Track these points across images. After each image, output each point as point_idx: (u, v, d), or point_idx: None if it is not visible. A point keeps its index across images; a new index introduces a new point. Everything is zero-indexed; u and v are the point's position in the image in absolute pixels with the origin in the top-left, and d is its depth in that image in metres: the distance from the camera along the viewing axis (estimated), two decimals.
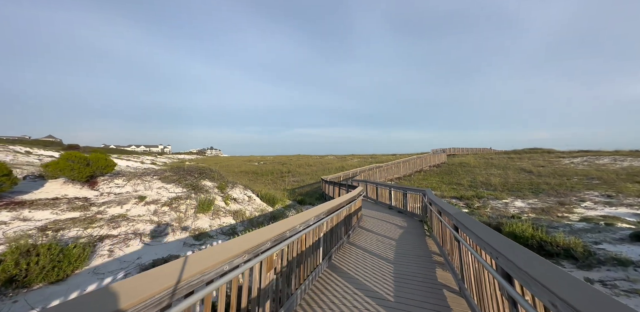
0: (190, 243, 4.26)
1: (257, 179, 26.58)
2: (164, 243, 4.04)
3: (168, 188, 5.64)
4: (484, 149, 38.70)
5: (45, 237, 3.36)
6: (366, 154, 46.81)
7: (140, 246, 3.83)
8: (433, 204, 5.26)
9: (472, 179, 18.02)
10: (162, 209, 4.87)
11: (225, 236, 4.83)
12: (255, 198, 7.25)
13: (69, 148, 21.53)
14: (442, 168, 24.15)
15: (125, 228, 4.09)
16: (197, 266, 1.26)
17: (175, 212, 4.78)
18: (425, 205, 6.62)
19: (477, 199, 12.37)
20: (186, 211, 4.84)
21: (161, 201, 5.20)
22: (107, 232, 3.86)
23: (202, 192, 5.76)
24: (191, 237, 4.42)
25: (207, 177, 6.77)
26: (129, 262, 3.51)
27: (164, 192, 5.44)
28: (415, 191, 7.49)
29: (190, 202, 5.20)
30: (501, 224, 6.00)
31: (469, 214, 9.40)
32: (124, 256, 3.61)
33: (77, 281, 3.14)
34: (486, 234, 2.11)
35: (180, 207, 4.95)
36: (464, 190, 15.20)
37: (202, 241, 4.44)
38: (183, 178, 6.15)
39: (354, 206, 5.83)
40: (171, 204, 5.15)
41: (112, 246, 3.67)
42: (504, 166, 22.02)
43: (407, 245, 4.89)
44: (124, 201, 4.69)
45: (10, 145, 16.76)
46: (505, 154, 30.61)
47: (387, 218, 7.40)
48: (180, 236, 4.36)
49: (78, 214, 4.15)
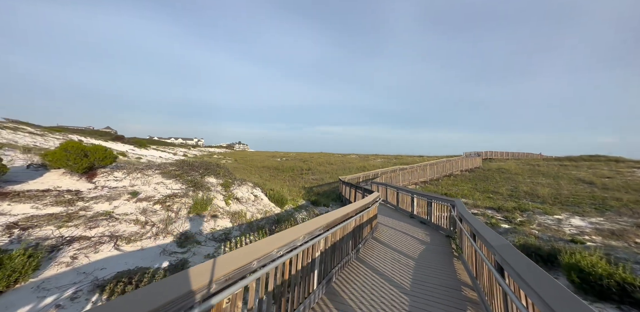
0: (171, 251, 3.72)
1: (278, 175, 26.77)
2: (141, 250, 3.57)
3: (167, 184, 5.41)
4: (528, 154, 34.13)
5: (7, 237, 3.12)
6: (390, 155, 44.61)
7: (111, 252, 3.39)
8: (464, 222, 4.23)
9: (512, 188, 15.68)
10: (154, 208, 4.54)
11: (216, 243, 4.26)
12: (263, 198, 6.80)
13: (116, 138, 23.84)
14: (475, 173, 21.64)
15: (103, 229, 3.72)
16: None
17: (167, 212, 4.45)
18: (454, 218, 5.55)
19: (519, 212, 10.53)
20: (179, 210, 4.52)
21: (155, 198, 4.89)
22: (80, 233, 3.50)
23: (203, 189, 5.46)
24: (175, 243, 3.93)
25: (212, 173, 6.50)
26: (87, 275, 2.93)
27: (161, 189, 5.21)
28: (443, 201, 6.38)
29: (186, 200, 4.86)
30: (557, 250, 4.68)
31: (510, 230, 7.87)
32: (87, 264, 3.11)
33: (9, 299, 2.54)
34: (555, 293, 1.26)
35: (174, 206, 4.65)
36: (503, 200, 13.19)
37: (187, 248, 3.87)
38: (186, 173, 5.94)
39: (366, 215, 5.04)
40: (164, 202, 4.79)
41: (78, 251, 3.23)
42: (554, 174, 18.89)
43: (429, 268, 3.98)
44: (115, 196, 4.51)
45: (69, 134, 18.89)
46: (556, 161, 26.48)
47: (407, 229, 6.43)
48: (163, 240, 3.89)
49: (60, 210, 3.91)
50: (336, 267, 3.36)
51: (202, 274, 1.28)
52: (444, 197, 6.54)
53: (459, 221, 4.82)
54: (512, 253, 1.94)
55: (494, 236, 2.54)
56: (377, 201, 6.12)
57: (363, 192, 8.03)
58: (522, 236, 6.75)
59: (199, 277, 1.24)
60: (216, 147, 70.99)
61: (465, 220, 4.06)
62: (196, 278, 1.23)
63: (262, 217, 5.52)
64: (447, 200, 6.18)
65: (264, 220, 5.41)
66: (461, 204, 5.30)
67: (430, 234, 6.04)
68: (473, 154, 31.23)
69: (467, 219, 3.94)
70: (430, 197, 6.97)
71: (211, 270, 1.33)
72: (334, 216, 3.16)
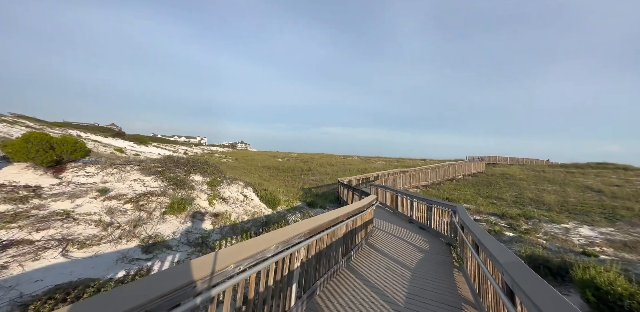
0: (132, 257, 3.19)
1: (277, 176, 26.47)
2: (94, 256, 3.08)
3: (145, 181, 5.03)
4: (533, 159, 33.39)
5: None
6: (392, 157, 44.12)
7: (56, 260, 2.87)
8: (466, 230, 3.85)
9: (517, 194, 15.15)
10: (124, 207, 4.11)
11: (190, 247, 3.79)
12: (254, 198, 6.42)
13: (117, 134, 23.78)
14: (478, 178, 21.10)
15: (55, 231, 3.22)
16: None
17: (138, 212, 4.03)
18: (456, 225, 5.16)
19: (524, 220, 10.04)
20: (153, 210, 4.15)
21: (128, 196, 4.44)
22: (23, 236, 2.98)
23: (185, 188, 5.11)
24: (139, 248, 3.44)
25: (199, 171, 6.16)
26: (10, 289, 2.36)
27: (138, 186, 4.81)
28: (444, 206, 5.98)
29: (163, 199, 4.48)
30: (568, 263, 4.26)
31: (515, 239, 7.41)
32: (18, 275, 2.55)
33: None
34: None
35: (148, 205, 4.27)
36: (507, 206, 12.69)
37: (153, 253, 3.39)
38: (169, 170, 5.58)
39: (360, 219, 4.68)
40: (138, 201, 4.35)
41: (13, 258, 2.68)
42: (560, 181, 18.30)
43: (427, 280, 3.60)
44: (80, 193, 4.08)
45: (69, 129, 18.78)
46: (562, 168, 25.81)
47: (405, 235, 6.03)
48: (126, 245, 3.41)
49: (8, 208, 3.46)
50: (322, 278, 3.00)
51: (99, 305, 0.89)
52: (445, 202, 6.14)
53: (460, 229, 4.43)
54: (526, 275, 1.57)
55: (501, 249, 2.17)
56: (373, 204, 5.75)
57: (360, 195, 7.65)
58: (529, 245, 6.31)
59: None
60: (218, 146, 71.12)
61: (468, 228, 3.68)
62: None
63: (249, 219, 5.14)
64: (448, 205, 5.78)
65: (251, 222, 5.04)
66: (463, 210, 4.91)
67: (429, 241, 5.64)
68: (476, 159, 30.63)
69: (469, 227, 3.56)
70: (430, 202, 6.57)
71: (119, 297, 0.95)
72: (320, 220, 2.81)
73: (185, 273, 1.22)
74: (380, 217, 8.03)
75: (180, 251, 3.64)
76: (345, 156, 48.84)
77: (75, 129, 22.09)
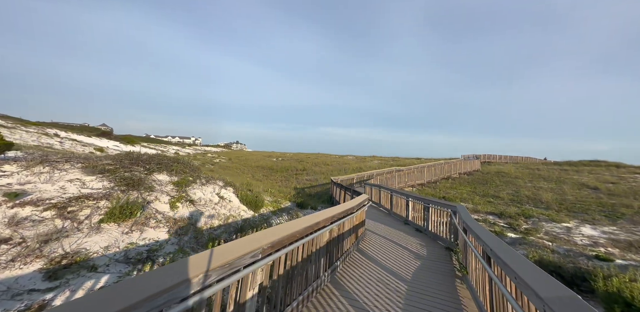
0: (26, 288, 2.25)
1: (271, 176, 25.74)
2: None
3: (85, 181, 4.11)
4: (527, 158, 33.37)
5: None
6: (388, 157, 43.78)
7: None
8: (470, 234, 3.26)
9: (514, 192, 14.78)
10: (41, 216, 3.19)
11: (127, 266, 2.90)
12: (233, 199, 5.65)
13: (103, 134, 22.69)
14: (474, 176, 20.76)
15: None
16: None
17: (62, 221, 3.11)
18: (456, 228, 4.59)
19: (523, 219, 9.58)
20: (86, 218, 3.31)
21: (52, 201, 3.50)
22: None
23: (141, 189, 4.35)
24: (41, 273, 2.48)
25: (165, 169, 5.39)
26: None
27: (73, 188, 3.90)
28: (442, 206, 5.40)
29: (104, 204, 3.72)
30: (584, 271, 3.73)
31: (519, 241, 6.88)
32: None
33: None
34: None
35: (80, 212, 3.35)
36: (504, 205, 12.26)
37: (62, 280, 2.44)
38: (125, 169, 4.77)
39: (349, 222, 4.06)
40: (66, 207, 3.42)
41: None
42: (556, 178, 18.05)
43: (425, 296, 3.00)
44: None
45: (47, 128, 17.65)
46: (556, 166, 25.72)
47: (400, 238, 5.44)
48: (19, 270, 2.41)
49: None
50: (295, 302, 2.36)
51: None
52: (443, 201, 5.57)
53: (462, 232, 3.85)
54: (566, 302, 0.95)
55: (532, 270, 1.56)
56: (364, 204, 5.14)
57: (352, 194, 7.04)
58: (534, 248, 5.78)
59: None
60: (213, 147, 69.80)
61: (472, 232, 3.09)
62: None
63: (220, 225, 4.41)
64: (447, 205, 5.21)
65: (222, 228, 4.31)
66: (464, 211, 4.33)
67: (426, 246, 5.05)
68: (471, 157, 30.41)
69: (474, 232, 2.97)
70: (427, 201, 5.99)
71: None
72: (290, 229, 2.17)
73: None
74: (373, 218, 7.44)
75: (110, 272, 2.77)
76: (341, 155, 48.29)
77: (57, 128, 20.96)
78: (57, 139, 13.17)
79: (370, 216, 8.01)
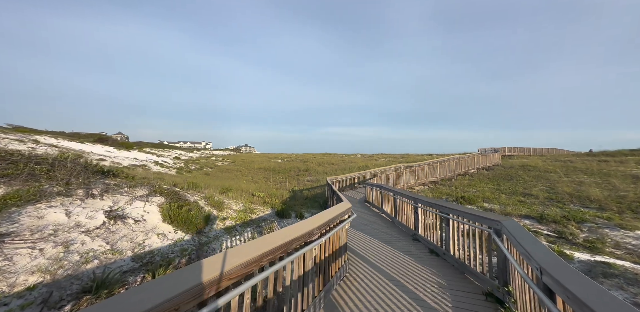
0: None
1: (271, 177, 24.15)
2: None
3: None
4: (553, 149, 29.70)
5: None
6: (397, 154, 41.16)
7: None
8: (548, 278, 1.25)
9: (548, 189, 12.13)
10: None
11: None
12: (150, 217, 3.72)
13: (99, 140, 22.00)
14: (495, 171, 18.01)
15: None
16: None
17: None
18: (504, 258, 2.55)
19: (574, 224, 7.17)
20: None
21: None
22: None
23: None
24: None
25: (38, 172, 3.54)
26: None
27: None
28: (474, 218, 3.29)
29: None
30: None
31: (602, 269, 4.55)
32: None
33: None
34: None
35: None
36: (541, 205, 9.77)
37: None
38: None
39: (310, 255, 2.17)
40: None
41: None
42: (597, 171, 15.02)
43: None
44: None
45: (36, 135, 16.85)
46: (590, 157, 22.24)
47: (406, 271, 3.42)
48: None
49: None
50: None
51: None
52: (472, 211, 3.46)
53: (519, 270, 1.82)
54: None
55: None
56: (344, 220, 3.19)
57: (337, 200, 5.11)
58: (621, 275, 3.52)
59: None
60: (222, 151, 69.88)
61: (554, 280, 1.08)
62: None
63: (69, 275, 2.31)
64: (482, 218, 3.09)
65: (53, 285, 2.19)
66: (519, 230, 2.28)
67: (448, 286, 3.01)
68: (489, 150, 27.27)
69: (564, 283, 0.96)
70: (446, 210, 3.88)
71: None
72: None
73: None
74: (370, 231, 5.45)
75: None
76: (348, 154, 46.16)
77: (55, 135, 20.46)
78: (31, 145, 12.11)
79: (368, 225, 6.01)
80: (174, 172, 16.87)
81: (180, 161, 26.01)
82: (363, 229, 5.64)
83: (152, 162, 18.72)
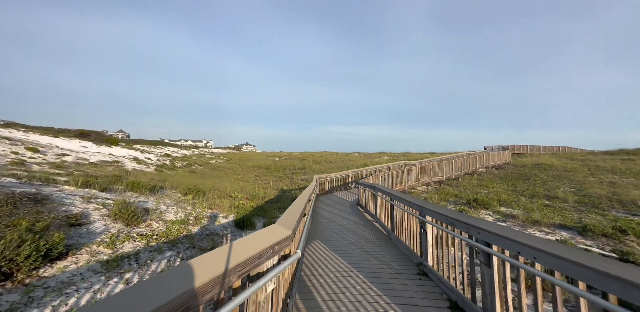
0: None
1: (264, 176, 22.47)
2: None
3: None
4: (565, 147, 27.53)
5: None
6: (398, 152, 39.23)
7: None
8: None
9: (575, 190, 10.21)
10: None
11: None
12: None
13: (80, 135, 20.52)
14: (506, 170, 16.07)
15: None
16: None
17: None
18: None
19: (634, 240, 5.31)
20: None
21: None
22: None
23: None
24: None
25: None
26: None
27: None
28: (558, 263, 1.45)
29: None
30: None
31: None
32: None
33: None
34: None
35: None
36: (574, 211, 7.88)
37: None
38: None
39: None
40: None
41: None
42: (625, 170, 13.02)
43: None
44: None
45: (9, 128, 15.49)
46: (606, 155, 20.17)
47: None
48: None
49: None
50: None
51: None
52: (548, 245, 1.65)
53: None
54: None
55: None
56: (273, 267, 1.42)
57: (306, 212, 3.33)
58: None
59: None
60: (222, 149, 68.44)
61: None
62: None
63: None
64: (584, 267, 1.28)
65: None
66: None
67: None
68: (497, 148, 25.21)
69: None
70: (481, 233, 2.07)
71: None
72: None
73: None
74: (352, 251, 3.68)
75: None
76: (347, 153, 44.35)
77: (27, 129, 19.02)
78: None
79: (350, 242, 4.24)
80: (152, 169, 15.25)
81: (169, 158, 24.43)
82: (342, 247, 3.87)
83: (131, 158, 17.08)
